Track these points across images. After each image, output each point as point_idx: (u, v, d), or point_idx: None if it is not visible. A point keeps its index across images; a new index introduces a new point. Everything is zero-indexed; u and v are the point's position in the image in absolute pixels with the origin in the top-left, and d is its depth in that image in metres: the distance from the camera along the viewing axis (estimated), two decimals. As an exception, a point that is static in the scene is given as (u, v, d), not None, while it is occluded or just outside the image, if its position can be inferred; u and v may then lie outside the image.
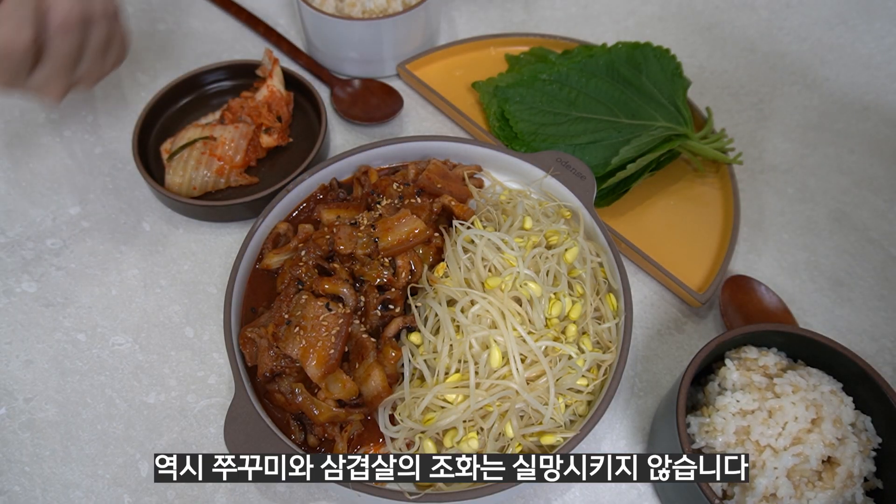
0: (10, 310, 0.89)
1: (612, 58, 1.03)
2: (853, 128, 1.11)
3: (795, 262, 0.97)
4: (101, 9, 0.78)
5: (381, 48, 1.10)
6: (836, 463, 0.67)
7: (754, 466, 0.67)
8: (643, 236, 0.95)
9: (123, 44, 0.85)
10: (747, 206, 1.01)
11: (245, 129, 0.98)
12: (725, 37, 1.24)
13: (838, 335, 0.90)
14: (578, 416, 0.74)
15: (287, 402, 0.74)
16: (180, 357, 0.86)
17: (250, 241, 0.83)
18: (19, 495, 0.77)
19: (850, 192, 1.04)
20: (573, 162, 0.89)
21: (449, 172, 0.89)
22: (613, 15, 1.26)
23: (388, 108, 1.09)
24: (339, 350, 0.72)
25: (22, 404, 0.83)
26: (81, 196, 1.00)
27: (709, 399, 0.73)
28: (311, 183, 0.90)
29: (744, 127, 1.11)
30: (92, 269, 0.93)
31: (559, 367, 0.72)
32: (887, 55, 1.21)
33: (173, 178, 0.95)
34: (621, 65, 1.03)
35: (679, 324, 0.91)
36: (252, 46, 1.19)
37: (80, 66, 0.79)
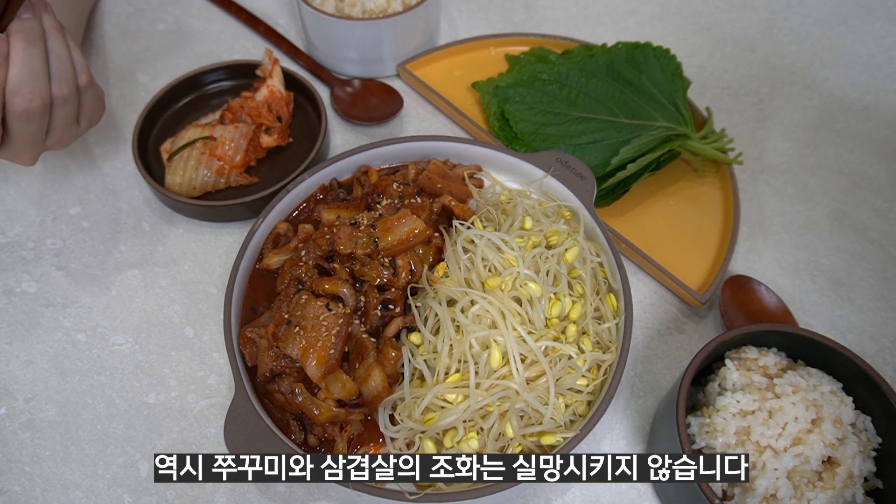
0: (10, 310, 0.89)
1: (612, 58, 1.03)
2: (853, 128, 1.11)
3: (795, 262, 0.97)
4: (66, 90, 0.75)
5: (381, 48, 1.10)
6: (837, 463, 0.67)
7: (754, 467, 0.67)
8: (643, 236, 0.95)
9: (96, 109, 0.83)
10: (747, 206, 1.01)
11: (245, 129, 0.98)
12: (725, 37, 1.24)
13: (838, 335, 0.90)
14: (578, 416, 0.74)
15: (287, 402, 0.74)
16: (180, 357, 0.86)
17: (250, 241, 0.83)
18: (19, 495, 0.77)
19: (850, 192, 1.04)
20: (573, 162, 0.89)
21: (449, 172, 0.89)
22: (613, 15, 1.26)
23: (388, 108, 1.09)
24: (339, 350, 0.72)
25: (22, 404, 0.83)
26: (81, 196, 1.00)
27: (709, 399, 0.73)
28: (311, 183, 0.90)
29: (744, 127, 1.11)
30: (92, 269, 0.93)
31: (559, 367, 0.72)
32: (887, 55, 1.21)
33: (173, 178, 0.95)
34: (621, 65, 1.03)
35: (679, 324, 0.91)
36: (252, 46, 1.19)
37: (50, 138, 0.78)
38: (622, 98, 1.00)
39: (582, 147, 0.97)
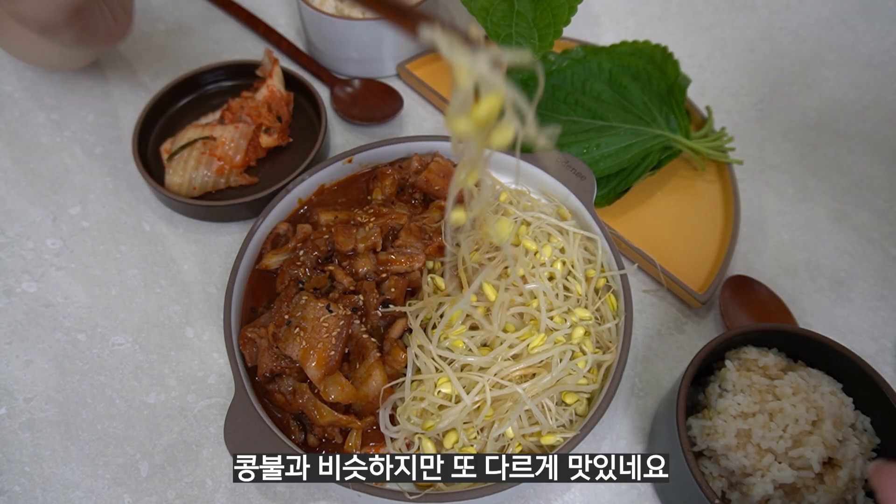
0: (10, 310, 0.89)
1: (611, 58, 1.03)
2: (853, 128, 1.11)
3: (795, 262, 0.97)
4: None
5: (381, 48, 1.10)
6: (838, 465, 0.67)
7: (755, 472, 0.67)
8: (643, 236, 0.95)
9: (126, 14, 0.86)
10: (747, 205, 1.01)
11: (245, 129, 0.98)
12: (725, 37, 1.24)
13: (838, 335, 0.90)
14: (578, 416, 0.74)
15: (287, 403, 0.74)
16: (180, 357, 0.86)
17: (250, 242, 0.83)
18: (19, 495, 0.77)
19: (850, 192, 1.04)
20: (573, 162, 0.89)
21: (452, 170, 0.89)
22: (613, 15, 1.26)
23: (388, 108, 1.09)
24: (340, 352, 0.72)
25: (22, 404, 0.83)
26: (81, 196, 1.00)
27: (709, 400, 0.73)
28: (311, 183, 0.90)
29: (744, 127, 1.11)
30: (92, 269, 0.93)
31: (560, 367, 0.72)
32: (887, 55, 1.21)
33: (173, 178, 0.95)
34: (621, 65, 1.03)
35: (679, 324, 0.91)
36: (252, 46, 1.19)
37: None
38: (621, 98, 1.00)
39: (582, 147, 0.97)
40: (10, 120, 1.07)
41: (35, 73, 1.13)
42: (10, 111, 1.08)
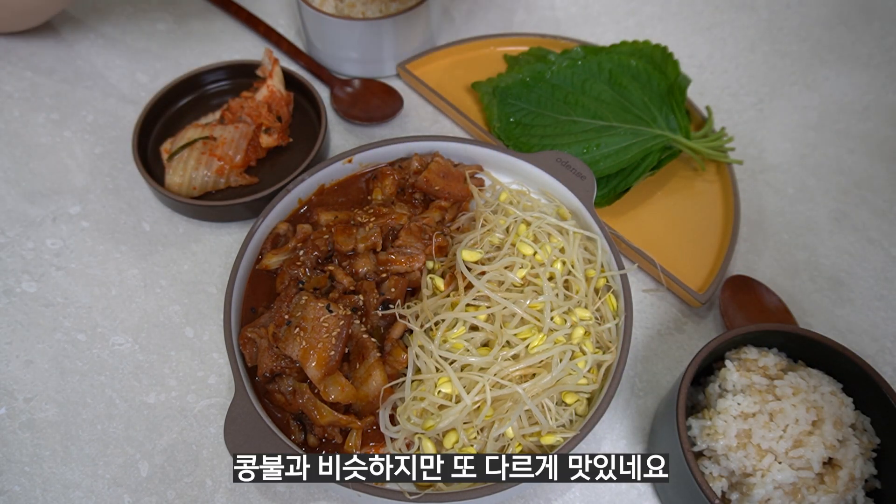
0: (10, 310, 0.89)
1: (611, 58, 1.03)
2: (853, 128, 1.11)
3: (795, 262, 0.97)
4: None
5: (381, 48, 1.10)
6: (838, 465, 0.67)
7: (755, 472, 0.67)
8: (643, 236, 0.95)
9: None
10: (747, 206, 1.01)
11: (245, 129, 0.98)
12: (725, 37, 1.24)
13: (838, 335, 0.90)
14: (578, 416, 0.74)
15: (287, 403, 0.74)
16: (180, 357, 0.86)
17: (250, 242, 0.83)
18: (19, 495, 0.77)
19: (850, 192, 1.04)
20: (573, 162, 0.89)
21: (452, 170, 0.89)
22: (613, 15, 1.26)
23: (388, 108, 1.09)
24: (340, 352, 0.72)
25: (22, 404, 0.83)
26: (81, 196, 1.00)
27: (710, 401, 0.73)
28: (311, 183, 0.90)
29: (744, 127, 1.11)
30: (92, 269, 0.93)
31: (560, 367, 0.72)
32: (887, 55, 1.21)
33: (173, 178, 0.95)
34: (621, 65, 1.03)
35: (679, 324, 0.91)
36: (252, 46, 1.19)
37: None
38: (621, 98, 1.00)
39: (582, 147, 0.97)
40: (10, 120, 1.07)
41: (35, 73, 1.13)
42: (10, 111, 1.08)
